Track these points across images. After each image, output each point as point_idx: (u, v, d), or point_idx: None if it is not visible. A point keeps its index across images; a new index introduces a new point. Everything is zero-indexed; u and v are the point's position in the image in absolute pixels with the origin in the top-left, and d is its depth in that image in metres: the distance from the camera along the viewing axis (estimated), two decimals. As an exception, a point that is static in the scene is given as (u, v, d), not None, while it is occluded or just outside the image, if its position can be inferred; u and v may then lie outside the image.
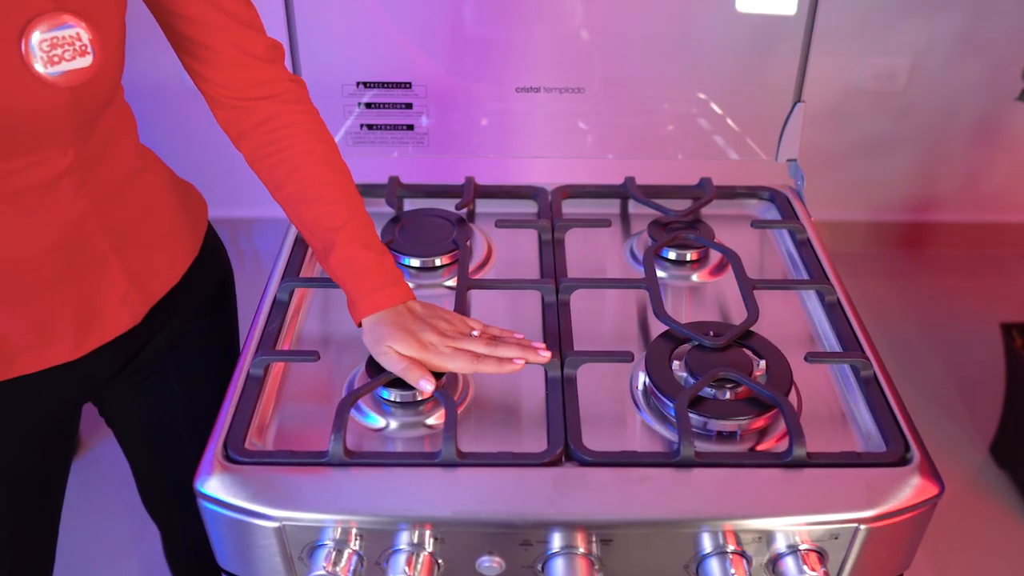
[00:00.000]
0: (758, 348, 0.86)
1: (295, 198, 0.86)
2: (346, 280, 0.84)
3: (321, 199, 0.85)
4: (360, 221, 0.86)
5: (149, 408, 0.98)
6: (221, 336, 1.03)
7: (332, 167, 0.87)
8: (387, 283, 0.84)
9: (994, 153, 2.31)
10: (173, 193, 0.93)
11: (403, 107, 1.15)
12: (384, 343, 0.80)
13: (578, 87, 1.14)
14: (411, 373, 0.79)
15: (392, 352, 0.80)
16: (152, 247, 0.88)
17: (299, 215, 0.86)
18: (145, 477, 1.09)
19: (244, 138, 0.87)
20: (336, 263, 0.84)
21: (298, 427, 0.83)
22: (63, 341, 0.82)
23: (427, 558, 0.73)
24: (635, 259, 1.06)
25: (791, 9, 1.09)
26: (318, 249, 0.86)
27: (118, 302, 0.85)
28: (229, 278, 1.04)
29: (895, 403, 0.82)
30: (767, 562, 0.75)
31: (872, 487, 0.74)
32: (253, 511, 0.73)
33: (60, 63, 0.69)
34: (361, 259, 0.84)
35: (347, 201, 0.86)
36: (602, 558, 0.74)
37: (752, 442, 0.80)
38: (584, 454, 0.76)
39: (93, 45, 0.71)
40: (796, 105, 1.15)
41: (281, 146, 0.86)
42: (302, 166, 0.86)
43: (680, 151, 1.19)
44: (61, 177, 0.75)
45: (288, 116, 0.87)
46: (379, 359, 0.81)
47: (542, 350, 0.82)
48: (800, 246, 1.05)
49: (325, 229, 0.85)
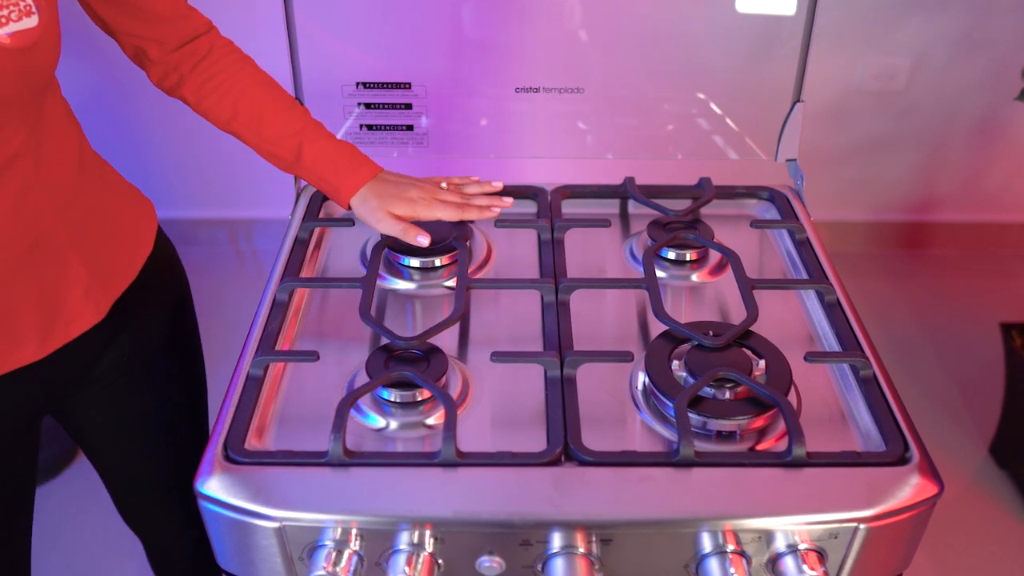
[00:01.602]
0: (757, 348, 0.86)
1: (252, 121, 0.93)
2: (323, 172, 0.94)
3: (275, 112, 0.94)
4: (312, 120, 0.95)
5: (119, 418, 0.97)
6: (184, 341, 1.03)
7: (268, 83, 0.96)
8: (360, 163, 0.95)
9: (994, 153, 2.31)
10: (122, 192, 0.93)
11: (403, 108, 1.15)
12: (378, 212, 0.92)
13: (577, 87, 1.14)
14: (410, 232, 0.92)
15: (388, 216, 0.92)
16: (109, 242, 0.88)
17: (259, 134, 0.94)
18: (120, 489, 1.07)
19: (185, 82, 0.93)
20: (310, 161, 0.93)
21: (298, 427, 0.83)
22: (28, 340, 0.81)
23: (427, 558, 0.73)
24: (635, 259, 1.06)
25: (791, 9, 1.09)
26: (285, 158, 0.94)
27: (81, 296, 0.84)
28: (185, 279, 1.04)
29: (894, 403, 0.82)
30: (767, 562, 0.75)
31: (871, 486, 0.74)
32: (253, 511, 0.73)
33: (8, 24, 0.69)
34: (331, 150, 0.94)
35: (295, 107, 0.95)
36: (602, 558, 0.74)
37: (752, 442, 0.80)
38: (584, 454, 0.76)
39: (36, 4, 0.71)
40: (795, 105, 1.15)
41: (222, 79, 0.93)
42: (247, 90, 0.94)
43: (680, 151, 1.19)
44: (14, 159, 0.75)
45: (217, 50, 0.94)
46: (376, 226, 0.93)
47: (505, 197, 0.99)
48: (799, 246, 1.05)
49: (288, 136, 0.93)
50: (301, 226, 1.07)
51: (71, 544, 1.68)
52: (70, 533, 1.69)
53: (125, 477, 1.05)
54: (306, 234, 1.06)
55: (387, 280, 1.01)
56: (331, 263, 1.06)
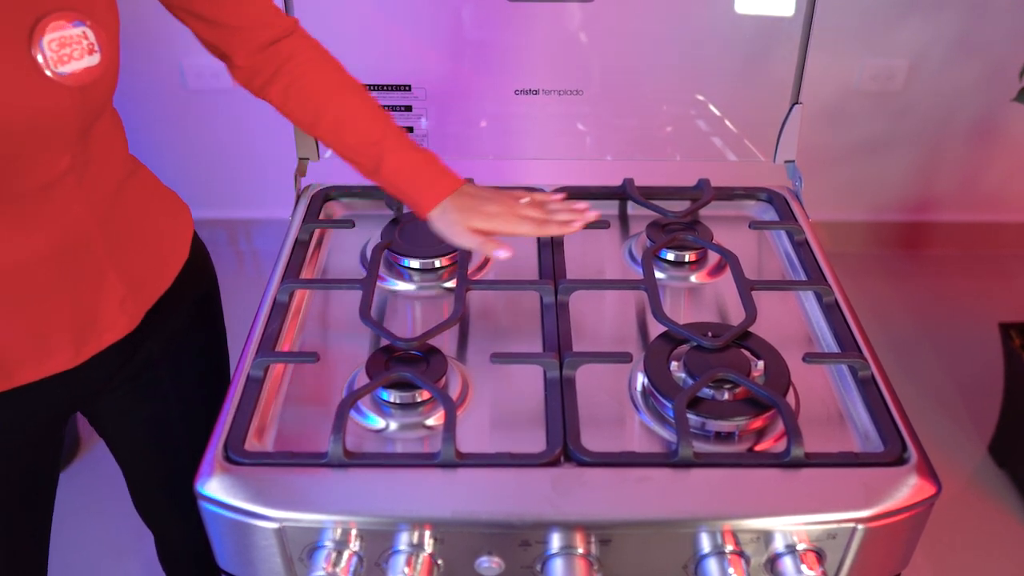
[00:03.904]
0: (756, 349, 0.86)
1: (333, 128, 0.92)
2: (403, 184, 0.92)
3: (356, 120, 0.92)
4: (394, 128, 0.93)
5: (145, 415, 0.98)
6: (211, 340, 1.03)
7: (351, 88, 0.94)
8: (439, 175, 0.92)
9: (992, 153, 2.31)
10: (161, 199, 0.93)
11: (403, 109, 1.16)
12: (457, 226, 0.90)
13: (577, 89, 1.14)
14: (488, 246, 0.90)
15: (467, 231, 0.90)
16: (145, 252, 0.88)
17: (342, 141, 0.92)
18: (140, 484, 1.08)
19: (270, 85, 0.92)
20: (389, 172, 0.92)
21: (298, 428, 0.83)
22: (61, 351, 0.82)
23: (426, 559, 0.73)
24: (634, 260, 1.06)
25: (789, 10, 1.09)
26: (365, 165, 0.93)
27: (116, 308, 0.85)
28: (215, 282, 1.04)
29: (893, 403, 0.83)
30: (765, 562, 0.75)
31: (870, 487, 0.74)
32: (253, 512, 0.73)
33: (69, 62, 0.68)
34: (411, 162, 0.92)
35: (378, 114, 0.93)
36: (601, 558, 0.74)
37: (750, 442, 0.80)
38: (583, 454, 0.77)
39: (99, 43, 0.70)
40: (794, 107, 1.15)
41: (303, 83, 0.92)
42: (330, 96, 0.92)
43: (678, 152, 1.19)
44: (59, 179, 0.75)
45: (302, 52, 0.92)
46: (455, 240, 0.91)
47: (588, 211, 0.93)
48: (798, 247, 1.05)
49: (368, 144, 0.91)
50: (302, 227, 1.07)
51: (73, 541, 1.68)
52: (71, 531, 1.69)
53: (144, 471, 1.06)
54: (306, 235, 1.06)
55: (387, 281, 1.01)
56: (331, 264, 1.07)
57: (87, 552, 1.67)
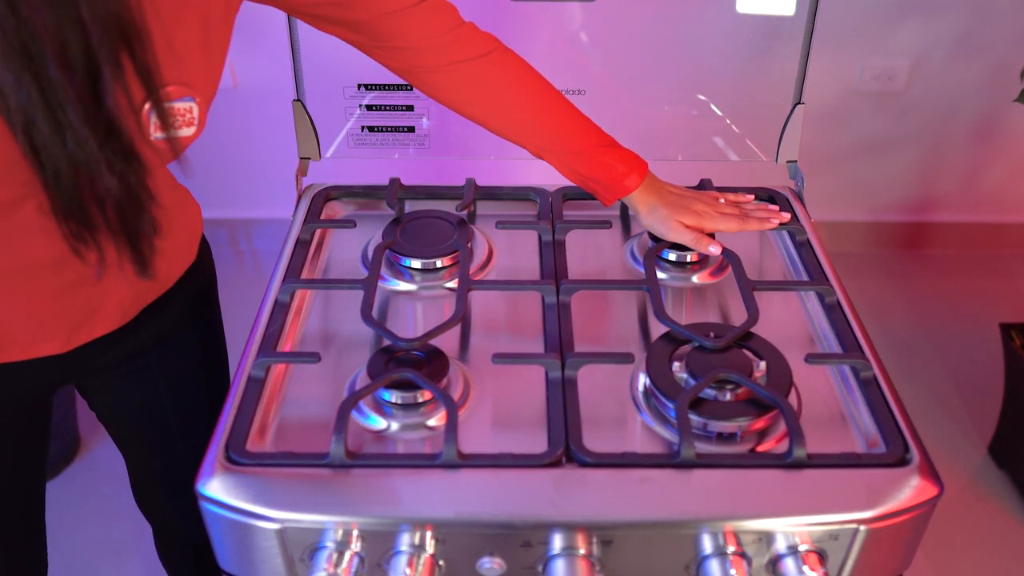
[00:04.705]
0: (758, 349, 0.86)
1: (537, 144, 0.98)
2: (594, 183, 0.98)
3: (556, 130, 0.96)
4: (587, 129, 0.97)
5: (135, 400, 0.99)
6: (204, 333, 1.03)
7: (551, 98, 0.96)
8: (632, 169, 0.97)
9: (993, 154, 2.31)
10: (177, 195, 0.93)
11: (404, 109, 1.15)
12: (670, 220, 0.97)
13: (578, 89, 1.14)
14: (703, 241, 0.97)
15: (680, 225, 0.96)
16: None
17: (539, 151, 0.98)
18: (137, 472, 1.09)
19: (461, 104, 0.96)
20: (585, 175, 0.98)
21: (299, 429, 0.83)
22: (53, 338, 0.83)
23: (428, 559, 0.73)
24: (635, 260, 1.06)
25: (790, 10, 1.09)
26: (557, 167, 0.99)
27: (115, 305, 0.86)
28: (214, 276, 1.05)
29: (895, 404, 0.83)
30: (767, 563, 0.75)
31: (872, 488, 0.74)
32: (254, 513, 0.73)
33: (170, 130, 0.69)
34: (603, 162, 0.97)
35: (575, 121, 0.97)
36: (603, 559, 0.74)
37: (752, 443, 0.80)
38: (584, 455, 0.76)
39: (199, 117, 0.72)
40: (796, 107, 1.15)
41: (500, 97, 0.95)
42: (534, 111, 0.96)
43: (680, 152, 1.19)
44: None
45: (500, 69, 0.94)
46: (667, 234, 0.98)
47: (783, 212, 1.04)
48: (800, 247, 1.05)
49: (566, 153, 0.97)
50: (303, 227, 1.07)
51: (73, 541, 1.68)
52: (71, 531, 1.69)
53: (139, 459, 1.07)
54: (308, 235, 1.06)
55: (388, 281, 1.01)
56: (332, 264, 1.07)
57: (87, 552, 1.67)
